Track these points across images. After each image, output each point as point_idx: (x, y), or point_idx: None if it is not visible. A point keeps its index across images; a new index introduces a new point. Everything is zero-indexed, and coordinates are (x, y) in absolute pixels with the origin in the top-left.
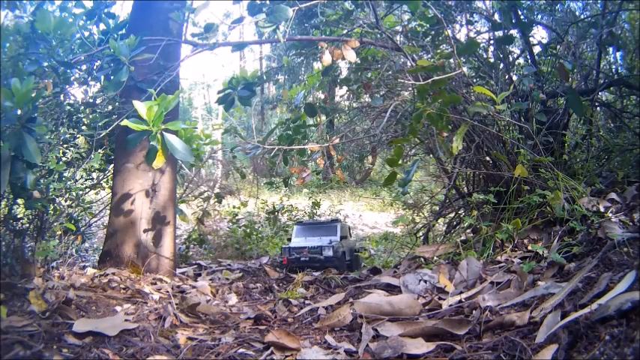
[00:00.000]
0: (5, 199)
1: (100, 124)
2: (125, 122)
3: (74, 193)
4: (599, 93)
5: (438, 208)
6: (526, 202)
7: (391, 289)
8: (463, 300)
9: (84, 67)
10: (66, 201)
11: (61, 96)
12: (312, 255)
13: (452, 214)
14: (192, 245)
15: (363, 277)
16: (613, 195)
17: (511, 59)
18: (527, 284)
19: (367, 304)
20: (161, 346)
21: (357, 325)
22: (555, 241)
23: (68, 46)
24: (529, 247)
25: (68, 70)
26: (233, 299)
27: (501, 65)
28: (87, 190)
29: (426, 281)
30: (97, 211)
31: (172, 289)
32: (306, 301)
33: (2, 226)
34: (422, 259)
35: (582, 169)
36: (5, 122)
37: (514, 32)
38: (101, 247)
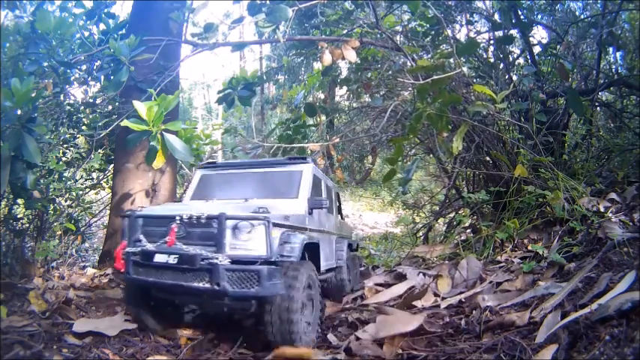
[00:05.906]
0: (5, 199)
1: (100, 124)
2: (125, 122)
3: (74, 193)
4: (599, 93)
5: (438, 208)
6: (526, 202)
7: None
8: (463, 300)
9: (84, 67)
10: (66, 201)
11: (61, 96)
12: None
13: (452, 214)
14: None
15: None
16: (613, 195)
17: (511, 59)
18: (527, 284)
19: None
20: (161, 346)
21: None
22: (555, 241)
23: (68, 46)
24: (529, 247)
25: (68, 70)
26: None
27: (501, 65)
28: (87, 190)
29: (425, 274)
30: (97, 211)
31: None
32: None
33: (2, 226)
34: (421, 259)
35: (582, 169)
36: (5, 122)
37: (514, 32)
38: (101, 247)
